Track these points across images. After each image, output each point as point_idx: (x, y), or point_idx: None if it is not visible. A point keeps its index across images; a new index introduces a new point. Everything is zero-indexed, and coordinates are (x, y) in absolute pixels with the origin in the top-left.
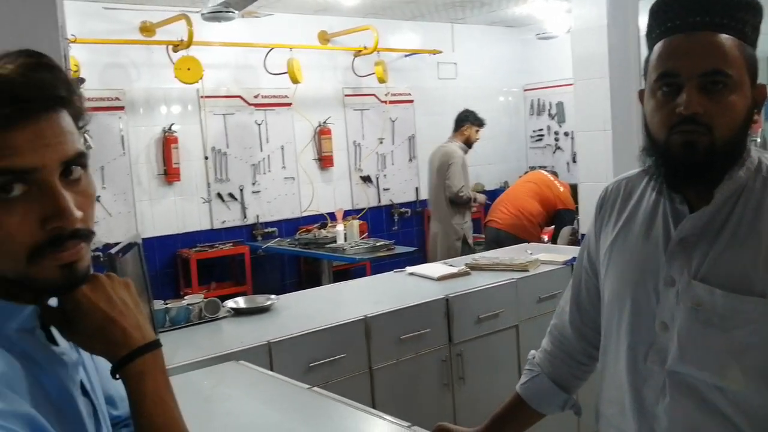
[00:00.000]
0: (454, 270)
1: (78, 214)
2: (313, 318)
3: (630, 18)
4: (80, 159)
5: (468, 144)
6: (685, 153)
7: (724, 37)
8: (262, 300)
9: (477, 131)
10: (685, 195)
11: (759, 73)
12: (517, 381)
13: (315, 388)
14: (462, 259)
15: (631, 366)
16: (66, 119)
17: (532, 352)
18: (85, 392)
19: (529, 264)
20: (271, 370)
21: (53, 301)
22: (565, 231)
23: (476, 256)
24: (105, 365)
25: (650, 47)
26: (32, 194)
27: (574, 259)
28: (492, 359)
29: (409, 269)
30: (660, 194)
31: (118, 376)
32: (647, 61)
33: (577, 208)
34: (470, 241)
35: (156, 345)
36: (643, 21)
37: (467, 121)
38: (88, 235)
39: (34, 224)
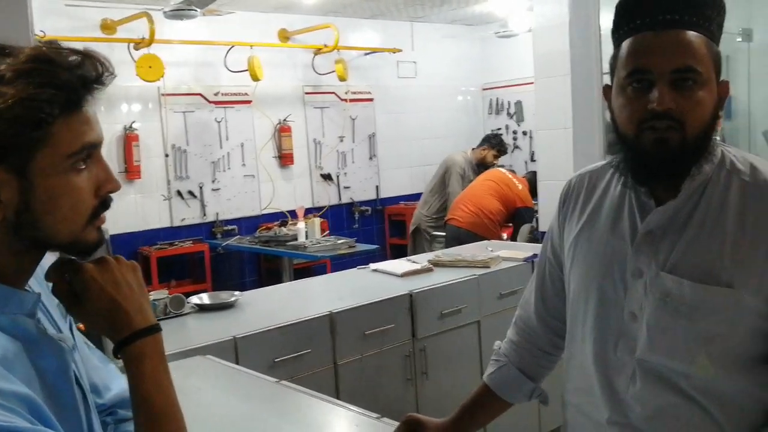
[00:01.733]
0: (418, 266)
1: None
2: (277, 314)
3: (591, 16)
4: None
5: (481, 164)
6: (656, 149)
7: (693, 35)
8: (226, 296)
9: (494, 156)
10: (651, 188)
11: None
12: (479, 376)
13: (283, 382)
14: (424, 256)
15: (600, 355)
16: None
17: (498, 342)
18: (75, 378)
19: (490, 260)
20: (237, 365)
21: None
22: (525, 229)
23: (438, 252)
24: (89, 354)
25: (617, 44)
26: (90, 165)
27: (534, 255)
28: (454, 354)
29: (373, 266)
30: (626, 187)
31: (119, 356)
32: (614, 57)
33: (536, 204)
34: (423, 231)
35: (156, 329)
36: (605, 19)
37: (486, 143)
38: None
39: (93, 190)
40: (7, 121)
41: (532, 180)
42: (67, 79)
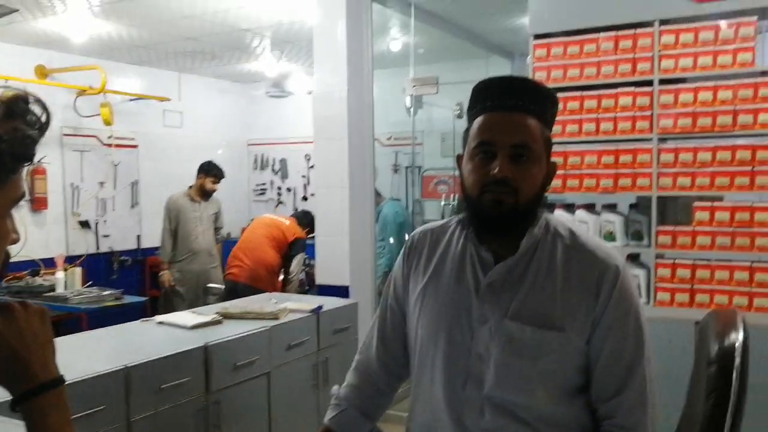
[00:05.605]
0: (207, 318)
1: None
2: (65, 369)
3: (366, 87)
4: None
5: (203, 192)
6: (494, 209)
7: (532, 120)
8: None
9: (212, 182)
10: (489, 245)
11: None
12: (267, 428)
13: None
14: (212, 308)
15: (450, 393)
16: None
17: (335, 387)
18: None
19: (279, 312)
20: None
21: None
22: (299, 258)
23: (226, 304)
24: None
25: (470, 119)
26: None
27: (320, 307)
28: (246, 406)
29: (159, 318)
30: (470, 243)
31: (17, 409)
32: (467, 131)
33: (311, 238)
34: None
35: (59, 382)
36: (378, 90)
37: (201, 172)
38: None
39: None
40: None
41: (304, 215)
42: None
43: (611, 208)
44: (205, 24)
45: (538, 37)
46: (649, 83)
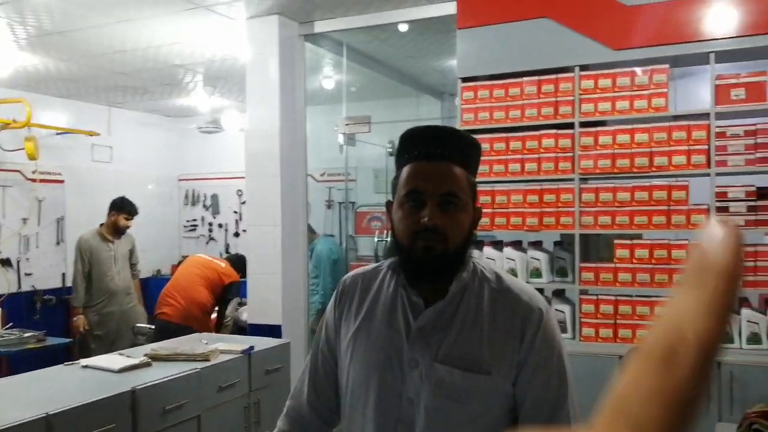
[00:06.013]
0: (135, 361)
1: None
2: None
3: (298, 123)
4: None
5: (116, 230)
6: (424, 255)
7: (458, 168)
8: None
9: (126, 218)
10: (420, 290)
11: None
12: None
13: None
14: (140, 349)
15: None
16: None
17: None
18: None
19: (210, 354)
20: None
21: None
22: (233, 302)
23: (154, 346)
24: None
25: (398, 167)
26: None
27: (251, 348)
28: None
29: (84, 362)
30: (401, 287)
31: None
32: (396, 178)
33: (242, 279)
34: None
35: None
36: (310, 127)
37: (113, 209)
38: None
39: None
40: None
41: (237, 259)
42: None
43: (537, 245)
44: (137, 59)
45: (465, 80)
46: (571, 126)
